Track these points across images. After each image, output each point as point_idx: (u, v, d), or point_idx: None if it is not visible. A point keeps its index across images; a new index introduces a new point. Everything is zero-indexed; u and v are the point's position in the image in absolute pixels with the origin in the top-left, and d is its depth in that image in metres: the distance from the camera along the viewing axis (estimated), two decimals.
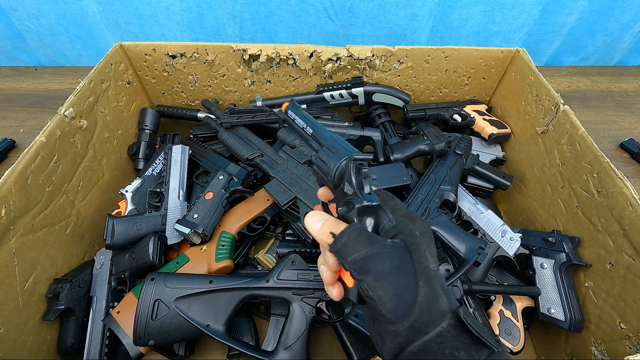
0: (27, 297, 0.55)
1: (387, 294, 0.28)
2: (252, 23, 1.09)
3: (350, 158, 0.33)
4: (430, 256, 0.30)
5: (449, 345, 0.26)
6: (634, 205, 0.49)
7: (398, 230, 0.31)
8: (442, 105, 0.87)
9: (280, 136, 0.76)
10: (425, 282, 0.28)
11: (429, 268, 0.29)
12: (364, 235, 0.30)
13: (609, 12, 1.08)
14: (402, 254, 0.29)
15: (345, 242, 0.30)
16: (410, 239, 0.30)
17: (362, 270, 0.29)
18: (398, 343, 0.27)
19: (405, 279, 0.28)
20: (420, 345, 0.26)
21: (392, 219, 0.32)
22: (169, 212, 0.68)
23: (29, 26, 1.13)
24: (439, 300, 0.27)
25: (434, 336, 0.26)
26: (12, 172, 0.52)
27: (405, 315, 0.27)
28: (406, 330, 0.27)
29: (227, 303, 0.57)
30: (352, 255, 0.30)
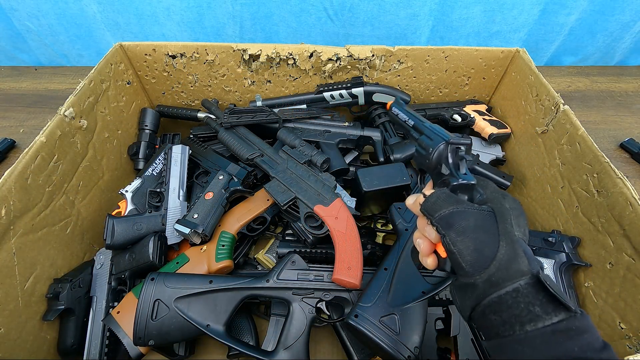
0: (27, 297, 0.55)
1: (467, 247, 0.30)
2: (252, 23, 1.09)
3: (447, 142, 0.37)
4: (518, 226, 0.31)
5: (524, 300, 0.26)
6: (634, 205, 0.49)
7: (487, 199, 0.34)
8: (442, 105, 0.87)
9: (280, 136, 0.76)
10: (507, 243, 0.29)
11: (513, 233, 0.30)
12: (451, 197, 0.33)
13: (609, 12, 1.08)
14: (487, 216, 0.31)
15: (434, 201, 0.33)
16: (498, 207, 0.32)
17: (446, 225, 0.31)
18: (475, 296, 0.29)
19: (486, 237, 0.30)
20: (496, 297, 0.27)
21: (483, 193, 0.35)
22: (169, 212, 0.68)
23: (29, 26, 1.13)
24: (519, 260, 0.28)
25: (510, 290, 0.27)
26: (12, 172, 0.52)
27: (483, 269, 0.28)
28: (483, 283, 0.28)
29: (227, 303, 0.57)
30: (439, 212, 0.32)
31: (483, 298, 0.28)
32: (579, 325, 0.26)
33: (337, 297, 0.58)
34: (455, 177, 0.35)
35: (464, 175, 0.35)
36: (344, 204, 0.64)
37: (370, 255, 0.68)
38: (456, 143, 0.37)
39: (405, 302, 0.52)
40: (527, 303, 0.26)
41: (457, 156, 0.36)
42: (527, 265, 0.28)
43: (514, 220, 0.31)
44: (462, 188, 0.34)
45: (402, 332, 0.50)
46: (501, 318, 0.27)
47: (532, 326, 0.26)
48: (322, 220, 0.63)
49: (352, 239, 0.60)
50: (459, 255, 0.30)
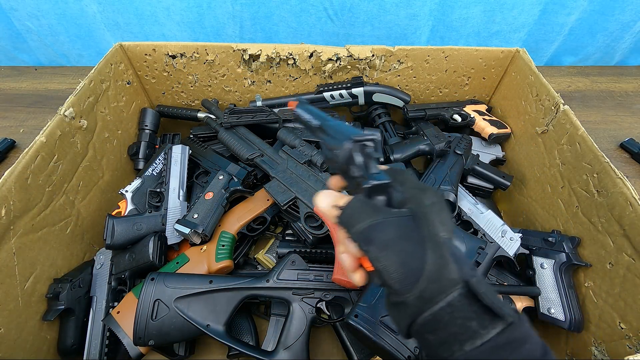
0: (27, 297, 0.55)
1: (392, 263, 0.27)
2: (252, 23, 1.09)
3: (352, 140, 0.33)
4: (441, 224, 0.28)
5: (460, 315, 0.24)
6: (634, 205, 0.49)
7: (406, 200, 0.31)
8: (442, 105, 0.87)
9: (280, 136, 0.76)
10: (433, 250, 0.27)
11: (438, 236, 0.28)
12: (367, 206, 0.30)
13: (609, 12, 1.08)
14: (408, 222, 0.29)
15: (350, 213, 0.30)
16: (418, 207, 0.29)
17: (366, 241, 0.28)
18: (409, 314, 0.26)
19: (411, 247, 0.27)
20: (430, 315, 0.25)
21: (402, 191, 0.32)
22: (169, 212, 0.68)
23: (29, 26, 1.13)
24: (449, 268, 0.26)
25: (444, 306, 0.25)
26: (12, 172, 0.52)
27: (412, 285, 0.26)
28: (415, 300, 0.26)
29: (227, 303, 0.57)
30: (356, 226, 0.29)
31: (417, 316, 0.26)
32: (519, 336, 0.24)
33: (337, 297, 0.58)
34: (367, 179, 0.31)
35: (376, 175, 0.32)
36: None
37: None
38: (361, 140, 0.33)
39: None
40: (463, 318, 0.24)
41: (365, 155, 0.33)
42: (457, 272, 0.26)
43: (437, 218, 0.29)
44: (376, 189, 0.31)
45: None
46: (439, 337, 0.25)
47: (470, 345, 0.24)
48: (322, 220, 0.63)
49: None
50: (385, 273, 0.27)
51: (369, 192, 0.31)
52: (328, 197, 0.34)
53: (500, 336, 0.24)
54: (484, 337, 0.24)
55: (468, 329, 0.24)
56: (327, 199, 0.34)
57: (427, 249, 0.27)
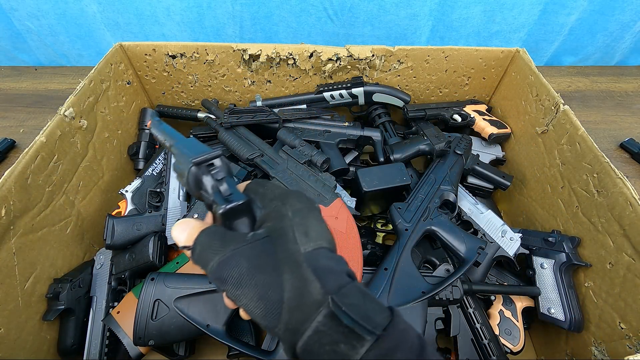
0: (27, 297, 0.55)
1: (251, 300, 0.24)
2: (252, 23, 1.09)
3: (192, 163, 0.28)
4: (304, 236, 0.26)
5: (328, 341, 0.22)
6: (634, 205, 0.49)
7: (265, 217, 0.28)
8: (442, 105, 0.87)
9: (280, 136, 0.76)
10: (291, 272, 0.24)
11: (297, 252, 0.25)
12: (216, 239, 0.26)
13: (609, 12, 1.08)
14: (262, 247, 0.26)
15: (200, 252, 0.26)
16: (277, 223, 0.27)
17: (220, 281, 0.25)
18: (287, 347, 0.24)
19: (266, 277, 0.25)
20: (303, 346, 0.23)
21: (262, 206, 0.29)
22: (169, 212, 0.68)
23: (29, 26, 1.13)
24: (310, 289, 0.23)
25: (311, 334, 0.23)
26: (12, 172, 0.52)
27: (277, 318, 0.24)
28: (284, 334, 0.24)
29: None
30: (208, 265, 0.26)
31: (293, 348, 0.24)
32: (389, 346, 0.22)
33: None
34: (218, 203, 0.28)
35: (229, 197, 0.28)
36: (344, 204, 0.64)
37: (370, 255, 0.68)
38: (202, 161, 0.29)
39: (405, 302, 0.52)
40: (331, 343, 0.22)
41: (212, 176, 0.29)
42: (320, 289, 0.23)
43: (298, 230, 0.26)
44: (233, 213, 0.28)
45: None
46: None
47: None
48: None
49: (352, 239, 0.60)
50: (248, 311, 0.25)
51: (225, 218, 0.28)
52: (184, 230, 0.28)
53: (370, 353, 0.22)
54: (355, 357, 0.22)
55: (337, 353, 0.22)
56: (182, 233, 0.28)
57: (283, 273, 0.25)
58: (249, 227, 0.29)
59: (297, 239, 0.26)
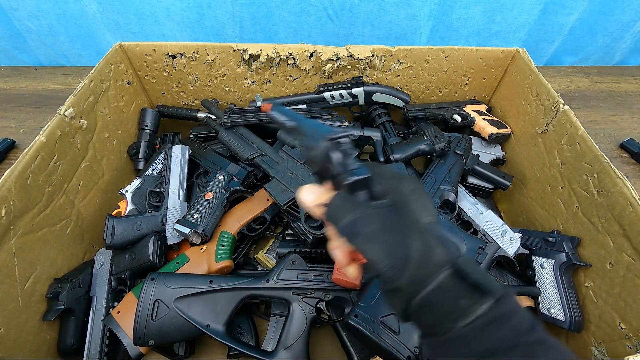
0: (27, 297, 0.55)
1: (379, 253, 0.28)
2: (252, 23, 1.09)
3: (327, 139, 0.33)
4: (422, 210, 0.30)
5: (450, 295, 0.26)
6: (634, 205, 0.49)
7: (385, 191, 0.32)
8: (442, 105, 0.87)
9: (280, 136, 0.76)
10: (417, 236, 0.28)
11: (419, 222, 0.29)
12: (349, 201, 0.31)
13: (609, 12, 1.08)
14: (388, 213, 0.30)
15: (334, 210, 0.31)
16: (398, 197, 0.31)
17: (352, 234, 0.29)
18: (403, 299, 0.28)
19: (394, 236, 0.28)
20: (422, 298, 0.26)
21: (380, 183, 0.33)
22: (169, 212, 0.68)
23: (29, 26, 1.13)
24: (434, 252, 0.27)
25: (434, 288, 0.26)
26: (12, 172, 0.52)
27: (402, 271, 0.27)
28: (407, 285, 0.27)
29: (227, 303, 0.57)
30: (341, 221, 0.30)
31: (411, 300, 0.27)
32: (506, 310, 0.25)
33: (337, 297, 0.58)
34: (346, 175, 0.32)
35: (355, 170, 0.33)
36: None
37: None
38: (335, 138, 0.34)
39: None
40: (454, 297, 0.26)
41: (342, 152, 0.34)
42: (444, 254, 0.27)
43: (417, 204, 0.30)
44: (357, 185, 0.32)
45: (402, 332, 0.50)
46: (433, 318, 0.27)
47: (462, 322, 0.25)
48: (322, 220, 0.63)
49: None
50: (374, 263, 0.28)
51: (350, 188, 0.32)
52: (311, 193, 0.35)
53: (490, 313, 0.25)
54: (474, 314, 0.25)
55: (459, 307, 0.25)
56: (311, 195, 0.35)
57: (410, 236, 0.28)
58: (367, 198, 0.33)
59: (417, 211, 0.29)
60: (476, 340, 0.25)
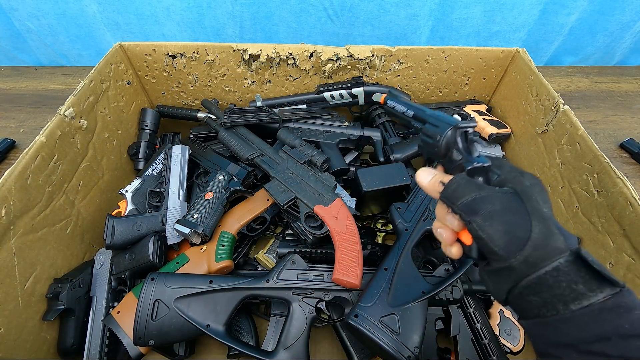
0: (27, 297, 0.55)
1: (497, 231, 0.29)
2: (252, 23, 1.09)
3: (455, 127, 0.35)
4: (544, 202, 0.30)
5: (566, 279, 0.26)
6: (634, 205, 0.49)
7: (506, 180, 0.32)
8: (442, 105, 0.87)
9: (280, 136, 0.76)
10: (539, 222, 0.28)
11: (542, 210, 0.29)
12: (472, 182, 0.32)
13: (609, 12, 1.08)
14: (512, 197, 0.30)
15: (455, 188, 0.32)
16: (520, 186, 0.31)
17: (471, 211, 0.30)
18: (512, 278, 0.28)
19: (516, 218, 0.29)
20: (535, 278, 0.27)
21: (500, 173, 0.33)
22: (169, 212, 0.68)
23: (29, 26, 1.13)
24: (555, 238, 0.27)
25: (550, 270, 0.26)
26: (12, 172, 0.52)
27: (518, 250, 0.27)
28: (520, 265, 0.27)
29: (227, 303, 0.57)
30: (461, 199, 0.31)
31: (520, 280, 0.28)
32: (627, 302, 0.25)
33: (337, 297, 0.58)
34: (470, 161, 0.34)
35: (477, 158, 0.34)
36: (344, 204, 0.64)
37: (370, 255, 0.68)
38: (464, 127, 0.36)
39: (405, 302, 0.52)
40: (569, 281, 0.26)
41: (467, 140, 0.36)
42: (564, 242, 0.27)
43: (539, 196, 0.30)
44: (477, 171, 0.34)
45: (402, 332, 0.50)
46: (542, 298, 0.27)
47: (576, 305, 0.25)
48: (322, 220, 0.63)
49: (352, 239, 0.60)
50: (489, 240, 0.29)
51: (470, 173, 0.33)
52: (430, 173, 0.36)
53: (608, 300, 0.25)
54: (591, 299, 0.25)
55: (574, 290, 0.26)
56: (429, 175, 0.36)
57: (532, 220, 0.28)
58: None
59: (539, 201, 0.30)
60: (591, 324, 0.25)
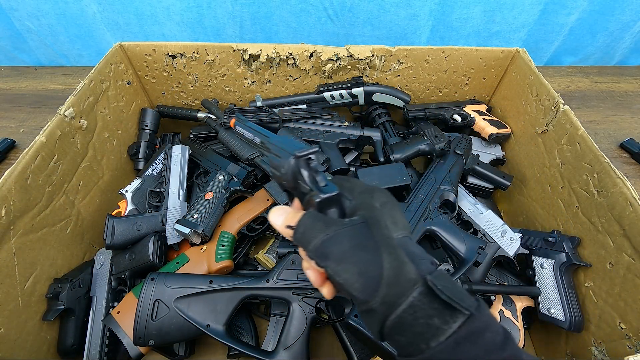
0: (27, 297, 0.55)
1: (352, 274, 0.27)
2: (252, 23, 1.09)
3: (294, 156, 0.33)
4: (394, 225, 0.29)
5: (422, 315, 0.25)
6: (634, 205, 0.49)
7: (356, 207, 0.31)
8: (442, 105, 0.87)
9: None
10: (389, 253, 0.27)
11: (392, 238, 0.28)
12: (318, 220, 0.30)
13: (609, 12, 1.08)
14: (361, 230, 0.29)
15: (303, 231, 0.30)
16: (369, 212, 0.30)
17: (323, 256, 0.28)
18: (377, 320, 0.27)
19: (366, 255, 0.28)
20: (396, 318, 0.26)
21: (351, 198, 0.32)
22: (169, 212, 0.68)
23: (29, 26, 1.13)
24: (406, 269, 0.26)
25: (406, 307, 0.25)
26: (12, 172, 0.52)
27: (374, 292, 0.26)
28: (379, 306, 0.26)
29: (227, 303, 0.57)
30: (311, 243, 0.29)
31: (384, 320, 0.26)
32: (479, 325, 0.25)
33: (337, 297, 0.58)
34: (317, 193, 0.31)
35: (324, 187, 0.31)
36: None
37: None
38: (304, 155, 0.33)
39: None
40: (425, 317, 0.25)
41: (310, 169, 0.33)
42: (415, 271, 0.26)
43: (389, 219, 0.29)
44: (328, 203, 0.31)
45: None
46: (406, 338, 0.26)
47: (435, 341, 0.24)
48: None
49: None
50: (346, 285, 0.27)
51: (320, 206, 0.31)
52: (281, 215, 0.33)
53: (461, 329, 0.24)
54: (446, 332, 0.24)
55: (431, 326, 0.25)
56: (280, 217, 0.33)
57: (382, 253, 0.27)
58: (338, 215, 0.32)
59: (389, 226, 0.29)
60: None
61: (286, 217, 0.32)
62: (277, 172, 0.34)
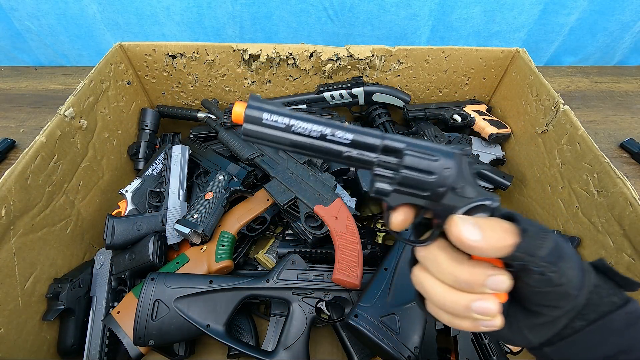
0: (27, 297, 0.55)
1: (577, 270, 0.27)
2: (252, 23, 1.09)
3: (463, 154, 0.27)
4: None
5: (605, 294, 0.28)
6: (634, 205, 0.49)
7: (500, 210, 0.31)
8: (442, 105, 0.87)
9: None
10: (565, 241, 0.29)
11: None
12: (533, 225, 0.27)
13: (609, 12, 1.08)
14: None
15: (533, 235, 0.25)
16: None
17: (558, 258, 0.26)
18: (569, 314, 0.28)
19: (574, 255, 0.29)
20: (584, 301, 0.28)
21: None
22: (169, 212, 0.68)
23: (29, 26, 1.13)
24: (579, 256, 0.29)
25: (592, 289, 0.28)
26: (12, 172, 0.52)
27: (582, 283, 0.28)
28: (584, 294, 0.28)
29: (227, 303, 0.57)
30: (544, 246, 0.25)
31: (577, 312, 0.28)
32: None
33: (337, 297, 0.58)
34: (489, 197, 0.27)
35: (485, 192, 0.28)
36: (344, 204, 0.64)
37: (370, 255, 0.68)
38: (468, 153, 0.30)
39: (405, 302, 0.52)
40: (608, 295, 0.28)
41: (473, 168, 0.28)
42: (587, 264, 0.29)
43: None
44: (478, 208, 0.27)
45: (402, 332, 0.50)
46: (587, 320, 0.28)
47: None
48: (322, 220, 0.63)
49: (352, 239, 0.60)
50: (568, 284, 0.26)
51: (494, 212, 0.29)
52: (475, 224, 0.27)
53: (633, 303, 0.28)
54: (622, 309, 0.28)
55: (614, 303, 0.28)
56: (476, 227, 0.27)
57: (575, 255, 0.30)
58: None
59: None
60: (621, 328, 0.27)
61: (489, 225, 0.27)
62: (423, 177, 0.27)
